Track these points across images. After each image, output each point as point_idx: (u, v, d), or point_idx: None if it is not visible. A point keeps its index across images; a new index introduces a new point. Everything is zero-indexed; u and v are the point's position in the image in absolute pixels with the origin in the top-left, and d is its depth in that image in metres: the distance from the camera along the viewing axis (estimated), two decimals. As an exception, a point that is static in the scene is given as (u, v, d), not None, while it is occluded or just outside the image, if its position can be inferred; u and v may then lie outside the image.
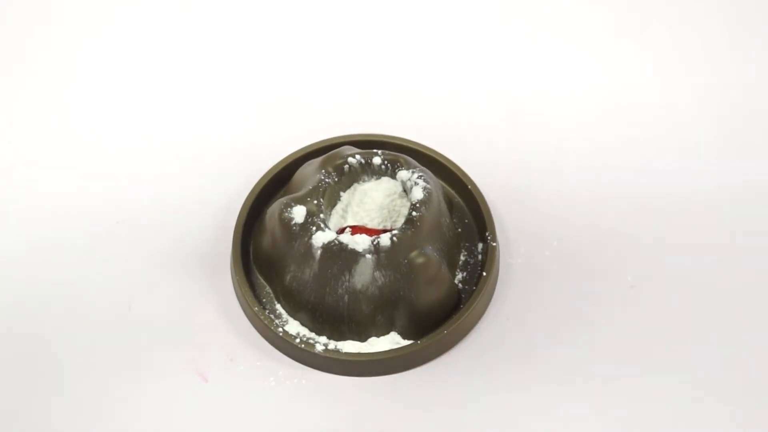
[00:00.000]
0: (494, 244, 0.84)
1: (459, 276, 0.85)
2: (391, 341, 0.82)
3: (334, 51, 0.99)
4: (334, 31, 1.00)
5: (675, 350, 0.82)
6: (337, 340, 0.82)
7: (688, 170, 0.90)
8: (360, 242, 0.79)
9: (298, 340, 0.82)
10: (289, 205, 0.81)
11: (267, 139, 0.93)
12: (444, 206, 0.84)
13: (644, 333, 0.83)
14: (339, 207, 0.83)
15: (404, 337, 0.82)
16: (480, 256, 0.86)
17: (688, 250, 0.87)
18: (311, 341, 0.82)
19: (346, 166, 0.83)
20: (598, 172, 0.88)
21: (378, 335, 0.82)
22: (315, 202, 0.81)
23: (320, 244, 0.80)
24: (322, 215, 0.81)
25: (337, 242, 0.79)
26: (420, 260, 0.80)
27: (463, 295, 0.84)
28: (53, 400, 0.81)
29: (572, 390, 0.81)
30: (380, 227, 0.82)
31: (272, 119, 0.95)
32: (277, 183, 0.88)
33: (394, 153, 0.84)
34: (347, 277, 0.80)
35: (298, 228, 0.81)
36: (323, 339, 0.83)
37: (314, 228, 0.80)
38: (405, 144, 0.89)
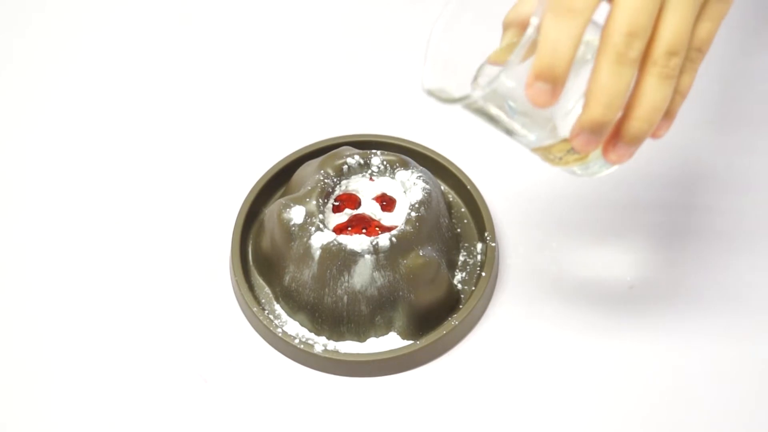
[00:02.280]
0: (493, 244, 0.84)
1: (458, 276, 0.85)
2: (390, 342, 0.82)
3: (334, 51, 0.99)
4: (334, 31, 1.00)
5: (674, 350, 0.82)
6: (336, 340, 0.82)
7: (688, 170, 0.90)
8: (359, 243, 0.79)
9: (297, 341, 0.82)
10: (288, 206, 0.81)
11: (267, 139, 0.93)
12: (443, 207, 0.84)
13: (643, 333, 0.83)
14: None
15: (403, 338, 0.82)
16: (479, 257, 0.86)
17: (688, 250, 0.86)
18: (310, 342, 0.82)
19: (345, 167, 0.83)
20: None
21: (377, 336, 0.82)
22: (314, 202, 0.82)
23: (319, 245, 0.80)
24: (321, 216, 0.81)
25: (336, 243, 0.79)
26: (419, 261, 0.80)
27: (462, 296, 0.84)
28: (53, 400, 0.81)
29: (571, 390, 0.81)
30: None
31: (272, 119, 0.95)
32: (277, 183, 0.88)
33: (394, 153, 0.84)
34: (346, 278, 0.80)
35: (297, 228, 0.81)
36: (322, 339, 0.83)
37: (313, 228, 0.80)
38: (404, 144, 0.89)
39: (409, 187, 0.83)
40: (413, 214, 0.81)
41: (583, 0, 0.64)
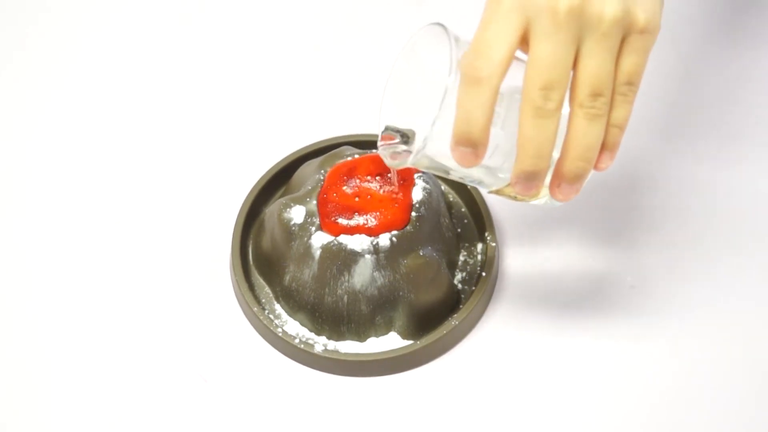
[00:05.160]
0: (493, 244, 0.84)
1: (458, 276, 0.85)
2: (390, 341, 0.82)
3: (334, 51, 0.99)
4: (335, 31, 1.00)
5: (674, 351, 0.82)
6: (337, 340, 0.82)
7: (688, 170, 0.90)
8: (359, 243, 0.79)
9: (297, 341, 0.82)
10: (288, 206, 0.81)
11: (267, 139, 0.93)
12: (443, 206, 0.84)
13: (644, 333, 0.83)
14: None
15: (404, 338, 0.82)
16: (479, 257, 0.86)
17: (688, 250, 0.86)
18: (310, 341, 0.82)
19: (346, 167, 0.83)
20: (597, 173, 0.87)
21: (377, 335, 0.82)
22: (314, 202, 0.81)
23: (319, 245, 0.80)
24: (321, 215, 0.81)
25: (336, 243, 0.79)
26: (419, 261, 0.80)
27: (462, 296, 0.84)
28: (53, 400, 0.81)
29: (571, 390, 0.81)
30: None
31: (272, 119, 0.95)
32: (277, 183, 0.88)
33: (394, 153, 0.84)
34: (346, 278, 0.80)
35: (297, 228, 0.81)
36: (323, 339, 0.83)
37: (313, 228, 0.80)
38: (404, 144, 0.89)
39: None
40: (413, 214, 0.81)
41: (488, 68, 0.66)
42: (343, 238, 0.79)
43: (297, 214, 0.81)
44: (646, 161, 0.91)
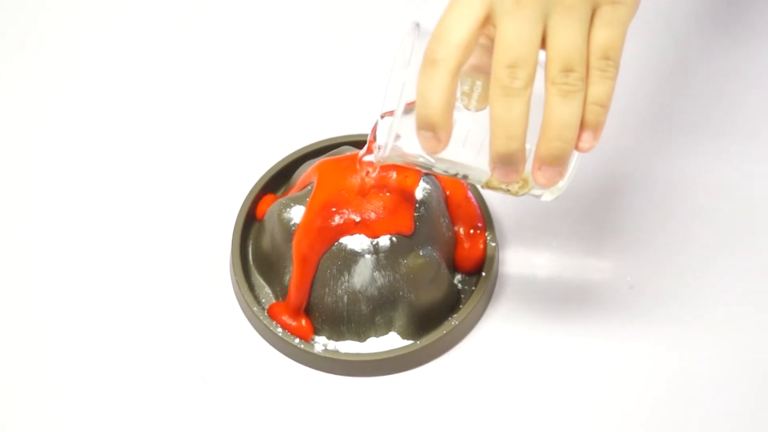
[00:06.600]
0: (493, 244, 0.84)
1: (458, 276, 0.85)
2: (390, 341, 0.82)
3: (334, 51, 0.99)
4: (334, 30, 1.00)
5: (674, 350, 0.82)
6: (336, 340, 0.82)
7: (688, 170, 0.90)
8: (359, 243, 0.79)
9: (297, 341, 0.81)
10: (288, 206, 0.81)
11: (267, 139, 0.93)
12: (443, 206, 0.84)
13: (644, 333, 0.83)
14: None
15: (404, 338, 0.82)
16: (479, 257, 0.86)
17: (688, 250, 0.86)
18: (310, 341, 0.82)
19: (345, 167, 0.83)
20: (597, 172, 0.88)
21: (377, 335, 0.82)
22: (314, 202, 0.82)
23: (319, 245, 0.80)
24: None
25: (336, 243, 0.79)
26: (419, 261, 0.80)
27: (462, 296, 0.84)
28: (53, 400, 0.81)
29: (571, 390, 0.81)
30: None
31: (272, 119, 0.95)
32: (277, 183, 0.88)
33: (394, 153, 0.84)
34: (346, 278, 0.80)
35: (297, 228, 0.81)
36: (322, 339, 0.83)
37: (313, 228, 0.80)
38: (404, 144, 0.89)
39: (409, 187, 0.83)
40: (413, 214, 0.81)
41: (444, 50, 0.65)
42: (343, 239, 0.79)
43: (297, 214, 0.81)
44: (647, 161, 0.91)
